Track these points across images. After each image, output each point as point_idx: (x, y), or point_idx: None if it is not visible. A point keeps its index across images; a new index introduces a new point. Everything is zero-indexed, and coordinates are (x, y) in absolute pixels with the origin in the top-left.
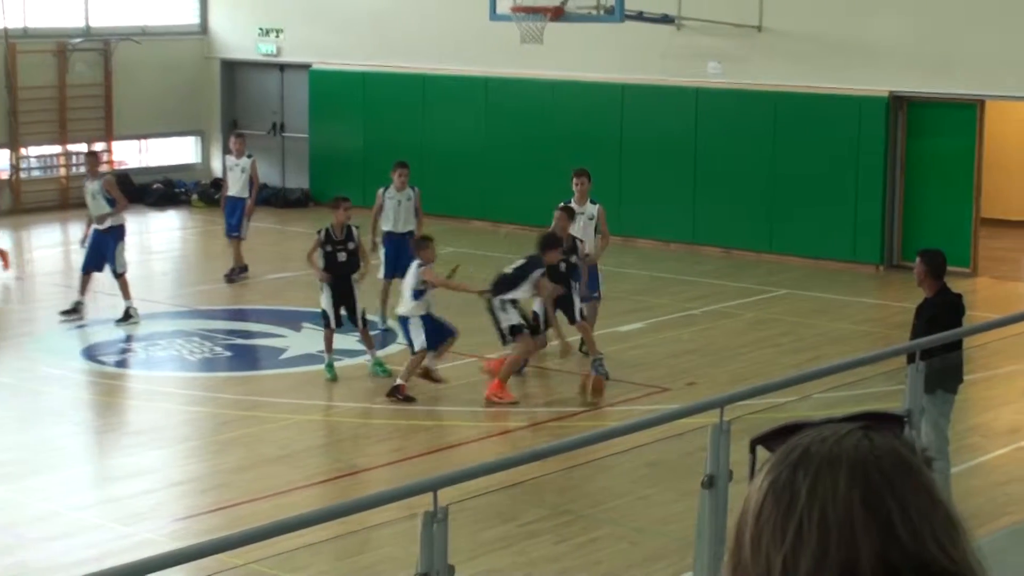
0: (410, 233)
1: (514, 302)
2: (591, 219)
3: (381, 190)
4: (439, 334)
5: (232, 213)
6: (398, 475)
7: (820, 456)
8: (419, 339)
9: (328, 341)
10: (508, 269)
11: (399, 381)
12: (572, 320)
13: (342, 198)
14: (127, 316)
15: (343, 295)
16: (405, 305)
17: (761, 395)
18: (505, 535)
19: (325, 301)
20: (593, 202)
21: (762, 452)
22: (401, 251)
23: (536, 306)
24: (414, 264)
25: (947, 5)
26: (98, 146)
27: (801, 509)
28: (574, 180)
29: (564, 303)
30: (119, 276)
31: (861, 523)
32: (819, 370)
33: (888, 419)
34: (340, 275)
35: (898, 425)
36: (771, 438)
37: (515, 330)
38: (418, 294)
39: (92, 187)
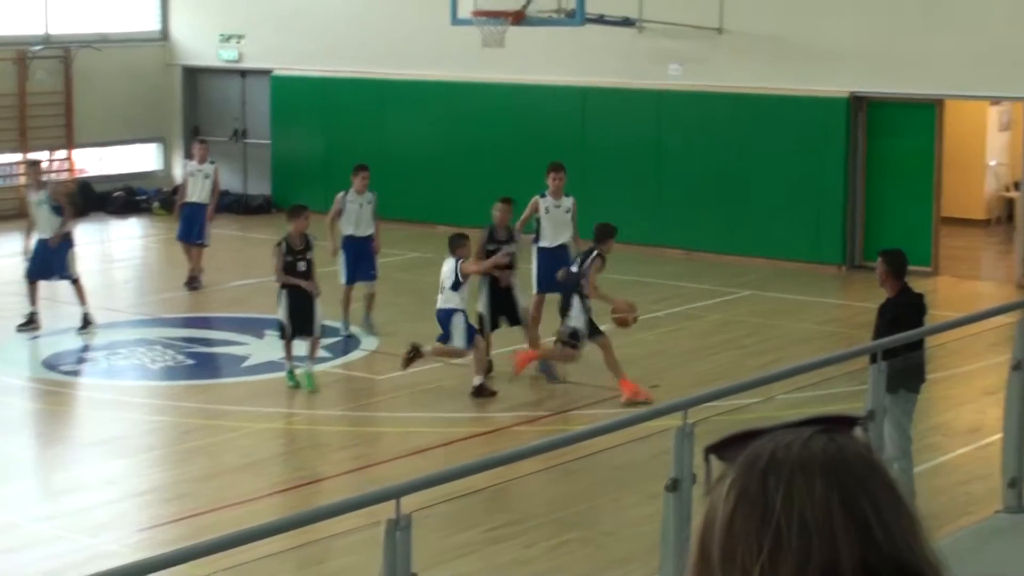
0: (370, 237)
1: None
2: (568, 212)
3: (341, 194)
4: (470, 334)
5: (195, 220)
6: (361, 483)
7: (790, 461)
8: (460, 337)
9: (288, 350)
10: (573, 268)
11: (478, 381)
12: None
13: (300, 207)
14: (86, 323)
15: (303, 305)
16: (449, 299)
17: (725, 397)
18: (470, 541)
19: (282, 312)
20: (567, 195)
21: (715, 461)
22: (362, 255)
23: (481, 307)
24: (450, 261)
25: (905, 6)
26: (59, 154)
27: (778, 516)
28: (550, 175)
29: (508, 306)
30: (74, 282)
31: (841, 526)
32: (783, 371)
33: (841, 421)
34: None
35: (850, 426)
36: (725, 446)
37: (574, 335)
38: (457, 286)
39: (36, 197)
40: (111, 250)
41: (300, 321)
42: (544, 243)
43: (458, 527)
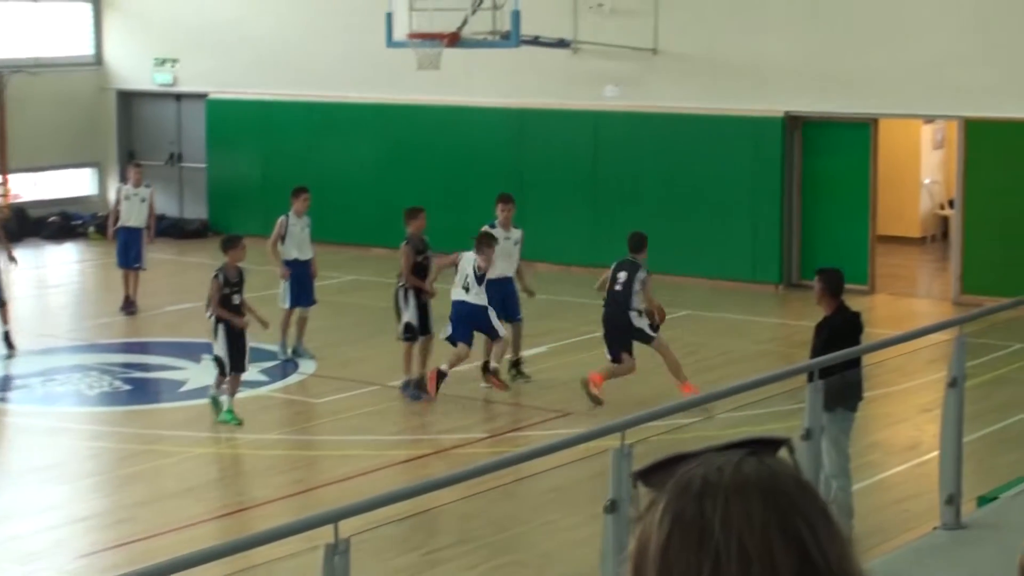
0: (309, 261)
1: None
2: (516, 244)
3: (283, 218)
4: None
5: (132, 244)
6: (299, 507)
7: (725, 485)
8: (500, 327)
9: (220, 383)
10: (619, 286)
11: (494, 365)
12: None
13: (235, 237)
14: (9, 344)
15: (238, 341)
16: (481, 295)
17: (662, 418)
18: (409, 564)
19: (222, 347)
20: (516, 227)
21: (643, 486)
22: (303, 279)
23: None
24: (470, 256)
25: (838, 25)
26: None
27: (716, 540)
28: (499, 206)
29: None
30: (2, 305)
31: (780, 549)
32: (721, 391)
33: (768, 443)
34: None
35: (776, 448)
36: (652, 472)
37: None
38: (481, 279)
39: None
40: (46, 275)
41: (237, 357)
42: (489, 275)
43: (397, 550)
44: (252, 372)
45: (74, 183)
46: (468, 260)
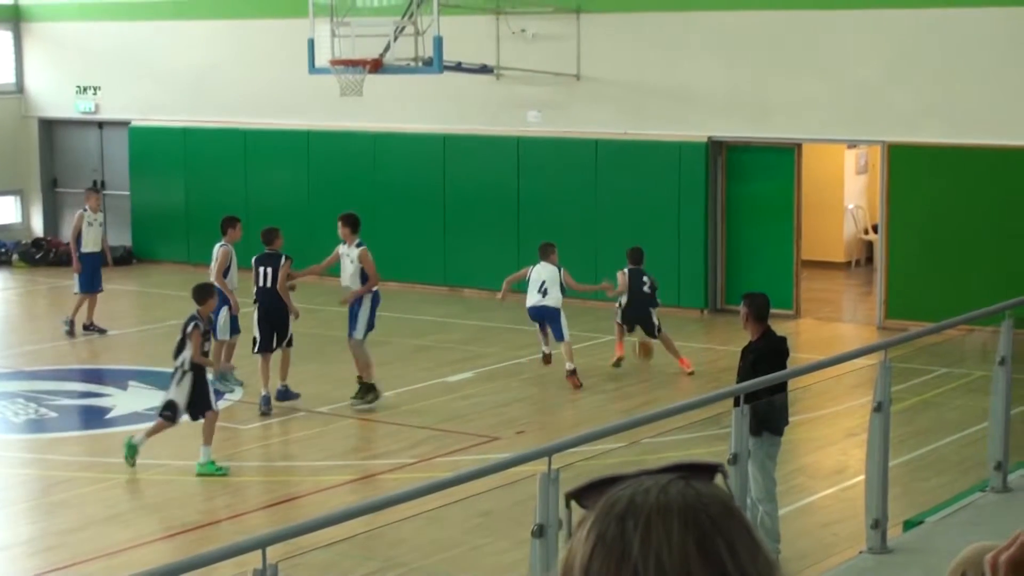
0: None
1: None
2: (352, 262)
3: (228, 248)
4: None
5: (97, 269)
6: (228, 533)
7: (648, 506)
8: (567, 330)
9: (155, 431)
10: (647, 288)
11: (571, 367)
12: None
13: (208, 286)
14: None
15: (203, 387)
16: (558, 299)
17: (589, 443)
18: None
19: (182, 394)
20: (359, 245)
21: (576, 506)
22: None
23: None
24: (550, 266)
25: (761, 51)
26: None
27: (635, 559)
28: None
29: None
30: None
31: (697, 568)
32: (647, 416)
33: (702, 468)
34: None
35: (711, 473)
36: (585, 492)
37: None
38: (563, 288)
39: None
40: None
41: (198, 404)
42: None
43: None
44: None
45: None
46: (549, 270)
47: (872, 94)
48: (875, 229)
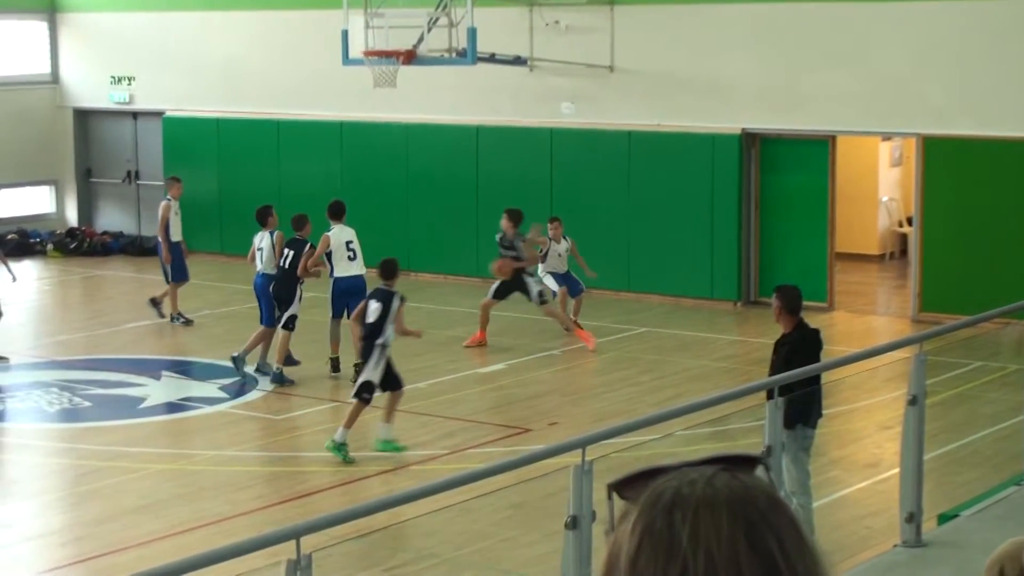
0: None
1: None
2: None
3: (280, 234)
4: None
5: (183, 257)
6: (261, 523)
7: (696, 498)
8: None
9: (355, 417)
10: None
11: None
12: None
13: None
14: None
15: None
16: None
17: (622, 435)
18: None
19: (378, 373)
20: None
21: (617, 498)
22: (266, 294)
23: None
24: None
25: (795, 42)
26: None
27: (684, 552)
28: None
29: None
30: None
31: (747, 561)
32: (680, 408)
33: (744, 460)
34: None
35: (753, 466)
36: (627, 484)
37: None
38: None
39: None
40: (4, 293)
41: (390, 382)
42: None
43: (359, 566)
44: (211, 388)
45: (32, 201)
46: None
47: (906, 86)
48: (909, 221)
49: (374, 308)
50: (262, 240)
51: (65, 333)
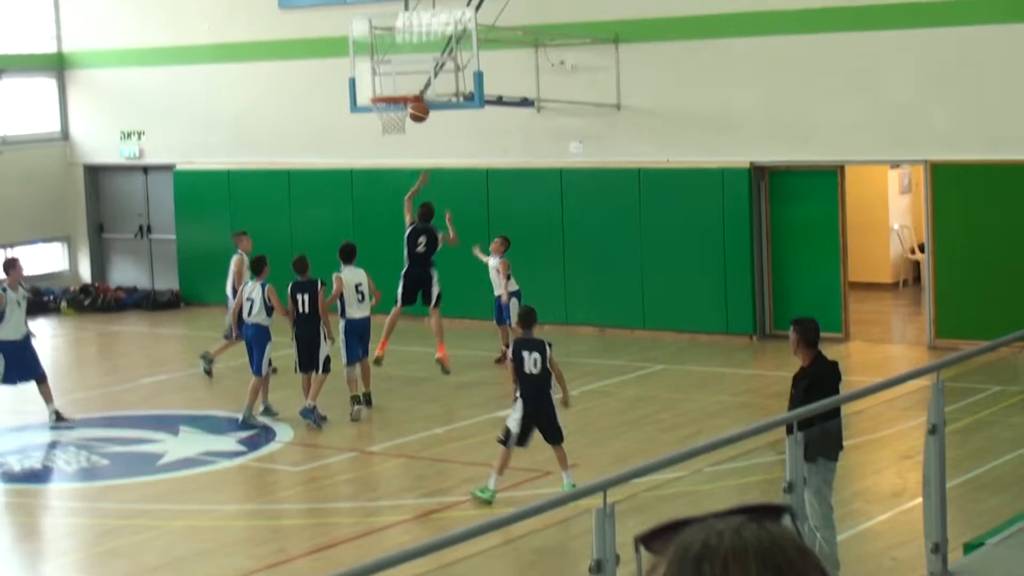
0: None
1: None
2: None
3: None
4: None
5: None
6: None
7: (724, 549)
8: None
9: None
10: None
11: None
12: None
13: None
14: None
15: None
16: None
17: (644, 475)
18: None
19: (516, 420)
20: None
21: (644, 551)
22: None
23: None
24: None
25: (800, 74)
26: None
27: None
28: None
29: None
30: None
31: None
32: (700, 446)
33: (770, 510)
34: None
35: (779, 515)
36: (654, 536)
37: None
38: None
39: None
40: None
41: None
42: None
43: None
44: (229, 442)
45: (45, 258)
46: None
47: (912, 113)
48: (921, 248)
49: (535, 358)
50: (252, 291)
51: (82, 391)
